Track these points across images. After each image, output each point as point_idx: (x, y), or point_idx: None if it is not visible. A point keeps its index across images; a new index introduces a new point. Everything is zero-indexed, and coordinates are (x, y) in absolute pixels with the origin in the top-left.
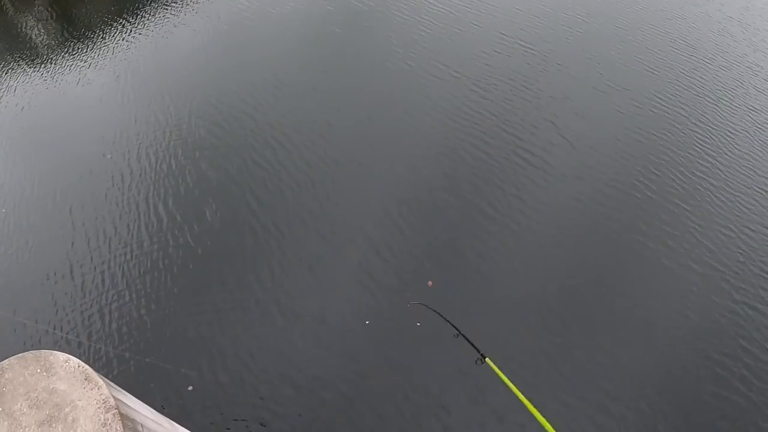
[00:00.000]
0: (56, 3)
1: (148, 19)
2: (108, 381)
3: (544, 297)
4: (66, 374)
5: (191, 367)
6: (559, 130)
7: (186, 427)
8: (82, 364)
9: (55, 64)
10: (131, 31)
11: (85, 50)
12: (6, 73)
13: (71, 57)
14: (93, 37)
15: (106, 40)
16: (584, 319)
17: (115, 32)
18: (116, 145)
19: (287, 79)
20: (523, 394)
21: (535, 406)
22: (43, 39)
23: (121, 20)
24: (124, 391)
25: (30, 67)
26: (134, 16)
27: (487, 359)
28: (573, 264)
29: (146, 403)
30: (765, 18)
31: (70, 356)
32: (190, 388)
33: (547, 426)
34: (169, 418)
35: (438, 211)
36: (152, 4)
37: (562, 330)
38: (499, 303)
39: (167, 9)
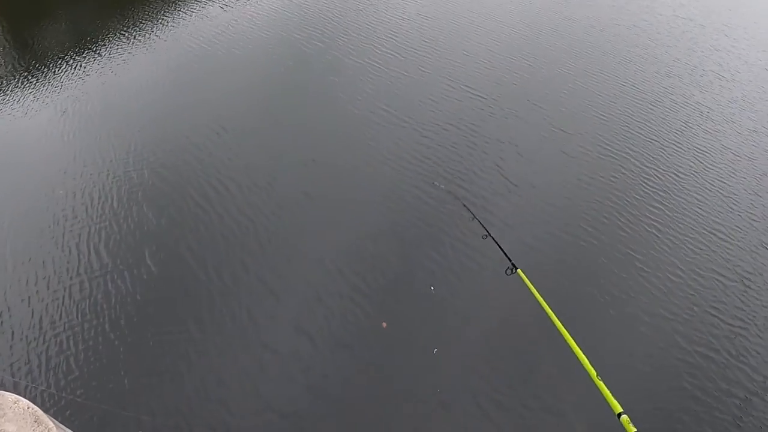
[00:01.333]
0: (12, 30)
1: (97, 57)
2: (58, 423)
3: (488, 353)
4: (15, 416)
5: (139, 412)
6: (505, 176)
7: None
8: (32, 405)
9: (2, 94)
10: (81, 66)
11: (34, 82)
12: None
13: (20, 88)
14: (43, 70)
15: (56, 74)
16: (529, 374)
17: (66, 66)
18: (58, 182)
19: (232, 123)
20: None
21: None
22: None
23: (72, 54)
24: None
25: None
26: (84, 51)
27: (518, 270)
28: (518, 314)
29: None
30: (711, 59)
31: (20, 397)
32: None
33: (572, 343)
34: None
35: (382, 258)
36: (103, 41)
37: (508, 385)
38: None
39: (117, 48)
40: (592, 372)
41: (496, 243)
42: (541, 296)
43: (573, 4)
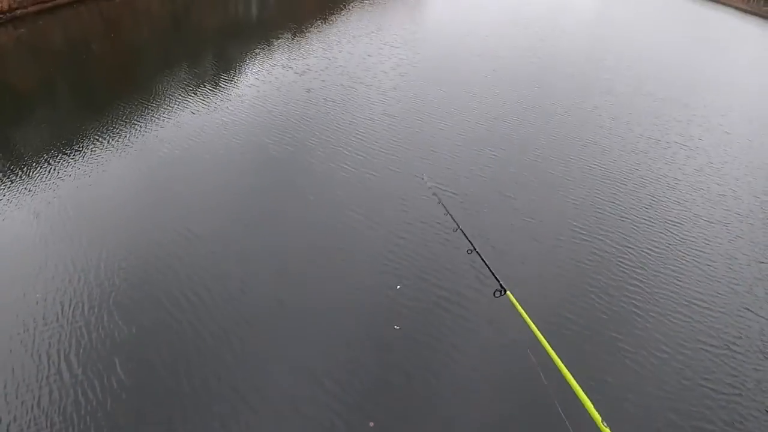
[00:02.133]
0: None
1: (71, 160)
2: None
3: None
4: None
5: None
6: (478, 274)
7: None
8: None
9: None
10: (54, 169)
11: (9, 185)
12: None
13: None
14: (19, 172)
15: (31, 176)
16: None
17: (40, 169)
18: (28, 288)
19: (203, 229)
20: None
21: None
22: None
23: (46, 157)
24: None
25: None
26: (59, 154)
27: (507, 292)
28: (499, 416)
29: None
30: (673, 130)
31: None
32: None
33: (562, 367)
34: None
35: (358, 363)
36: (77, 145)
37: None
38: None
39: (91, 152)
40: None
41: (488, 266)
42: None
43: (535, 94)
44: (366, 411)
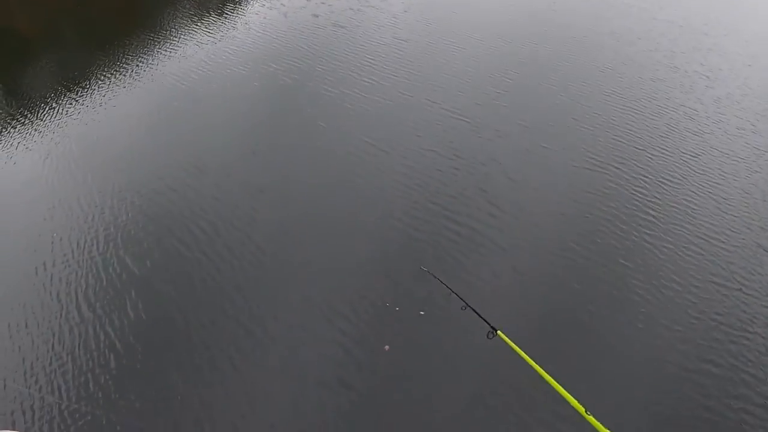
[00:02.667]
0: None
1: (78, 99)
2: None
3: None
4: None
5: None
6: (490, 198)
7: None
8: None
9: None
10: (63, 109)
11: (17, 129)
12: None
13: (5, 134)
14: (27, 115)
15: (39, 118)
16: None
17: (49, 110)
18: (39, 230)
19: (210, 162)
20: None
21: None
22: None
23: (54, 97)
24: None
25: None
26: (66, 95)
27: (498, 332)
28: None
29: None
30: (693, 59)
31: None
32: None
33: (566, 394)
34: None
35: (368, 293)
36: (84, 84)
37: None
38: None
39: (98, 90)
40: (581, 408)
41: (474, 311)
42: (526, 352)
43: (550, 16)
44: (381, 336)
